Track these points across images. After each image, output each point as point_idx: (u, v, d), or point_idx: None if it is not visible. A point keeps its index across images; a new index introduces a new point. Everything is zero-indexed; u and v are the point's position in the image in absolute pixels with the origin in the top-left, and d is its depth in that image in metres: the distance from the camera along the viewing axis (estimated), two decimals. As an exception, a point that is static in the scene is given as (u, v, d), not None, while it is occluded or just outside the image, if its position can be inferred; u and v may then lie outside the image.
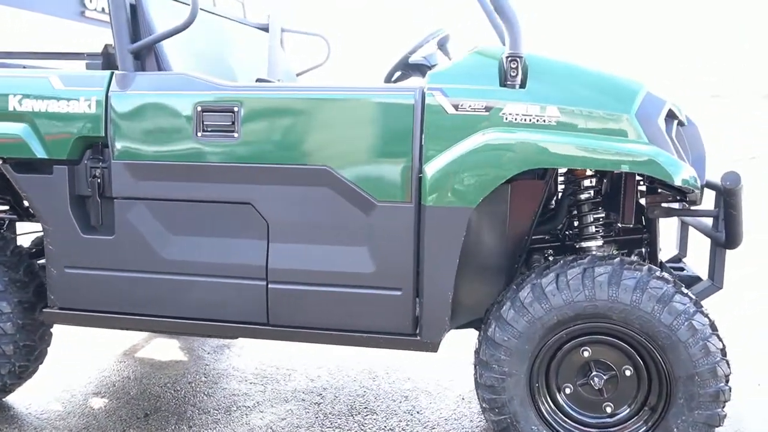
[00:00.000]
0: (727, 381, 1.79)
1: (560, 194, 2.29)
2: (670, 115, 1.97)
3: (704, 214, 2.20)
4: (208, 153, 1.99)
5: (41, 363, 2.40)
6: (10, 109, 2.09)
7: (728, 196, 1.85)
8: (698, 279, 2.28)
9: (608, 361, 1.87)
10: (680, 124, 2.10)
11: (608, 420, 1.90)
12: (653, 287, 1.77)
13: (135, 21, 2.12)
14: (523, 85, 1.84)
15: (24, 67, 2.47)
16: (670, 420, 1.81)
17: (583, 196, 2.11)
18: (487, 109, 1.83)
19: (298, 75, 3.34)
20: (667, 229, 2.65)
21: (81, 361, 2.82)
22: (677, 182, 1.73)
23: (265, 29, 3.16)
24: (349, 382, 2.67)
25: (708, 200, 2.09)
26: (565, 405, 1.91)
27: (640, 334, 1.79)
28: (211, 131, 1.98)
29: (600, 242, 2.14)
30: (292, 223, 1.98)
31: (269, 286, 2.00)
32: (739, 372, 2.46)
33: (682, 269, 2.47)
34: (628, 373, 1.85)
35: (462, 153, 1.81)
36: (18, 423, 2.29)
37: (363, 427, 2.29)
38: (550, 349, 1.88)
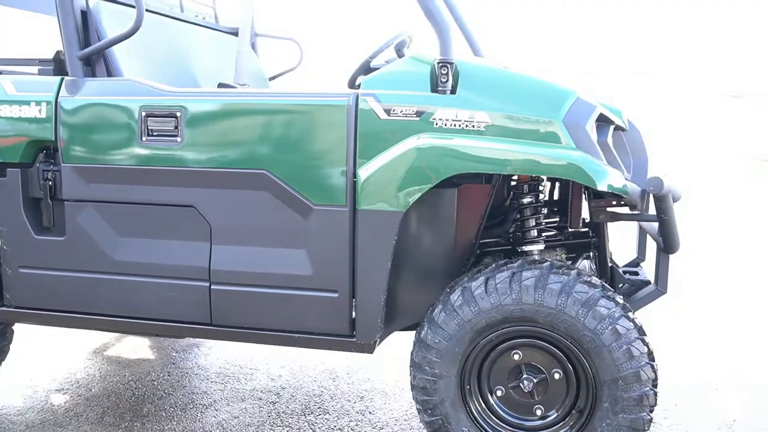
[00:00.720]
0: (654, 385, 1.80)
1: (510, 198, 2.32)
2: (605, 121, 1.99)
3: (646, 219, 2.21)
4: (153, 157, 2.03)
5: (3, 359, 2.47)
6: (-36, 114, 2.16)
7: (657, 202, 1.86)
8: (648, 283, 2.30)
9: (538, 365, 1.89)
10: (620, 129, 2.11)
11: (538, 423, 1.91)
12: (578, 291, 1.78)
13: (86, 27, 2.18)
14: (453, 91, 1.86)
15: None
16: (595, 423, 1.82)
17: (525, 201, 2.13)
18: (418, 114, 1.85)
19: (271, 79, 3.38)
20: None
21: (50, 357, 2.89)
22: (601, 187, 1.74)
23: (236, 34, 3.21)
24: (309, 382, 2.70)
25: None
26: (496, 407, 1.93)
27: (566, 337, 1.80)
28: (155, 136, 2.02)
29: (542, 246, 2.16)
30: (233, 225, 2.02)
31: (212, 287, 2.05)
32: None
33: (636, 273, 2.48)
34: (557, 376, 1.87)
35: (392, 158, 1.84)
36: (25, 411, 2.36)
37: (313, 427, 2.33)
38: (481, 352, 1.90)
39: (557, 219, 2.33)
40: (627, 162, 2.10)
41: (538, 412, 1.90)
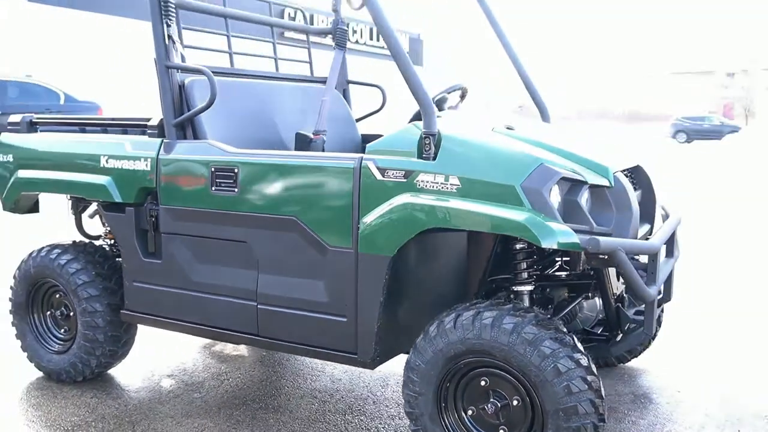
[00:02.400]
0: (599, 418, 2.05)
1: None
2: (576, 182, 2.23)
3: (624, 268, 2.43)
4: (219, 203, 2.63)
5: (129, 349, 3.22)
6: (101, 165, 2.92)
7: (603, 259, 2.09)
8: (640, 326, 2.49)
9: (502, 391, 2.20)
10: (603, 186, 2.32)
11: (505, 440, 2.23)
12: (527, 332, 2.08)
13: (181, 99, 2.84)
14: (434, 158, 2.24)
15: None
16: (548, 446, 2.10)
17: (517, 246, 2.44)
18: (406, 176, 2.26)
19: (357, 120, 3.90)
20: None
21: (167, 349, 3.62)
22: (545, 245, 2.02)
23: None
24: (361, 387, 3.18)
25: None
26: (469, 424, 2.27)
27: (517, 370, 2.11)
28: (221, 187, 2.62)
29: (530, 287, 2.46)
30: (273, 259, 2.56)
31: (258, 306, 2.60)
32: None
33: (641, 312, 2.67)
34: (515, 403, 2.17)
35: (384, 211, 2.26)
36: (107, 389, 3.12)
37: (348, 425, 2.80)
38: (456, 375, 2.26)
39: (560, 260, 2.59)
40: (609, 217, 2.32)
41: (503, 429, 2.22)
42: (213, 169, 2.63)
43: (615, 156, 2.54)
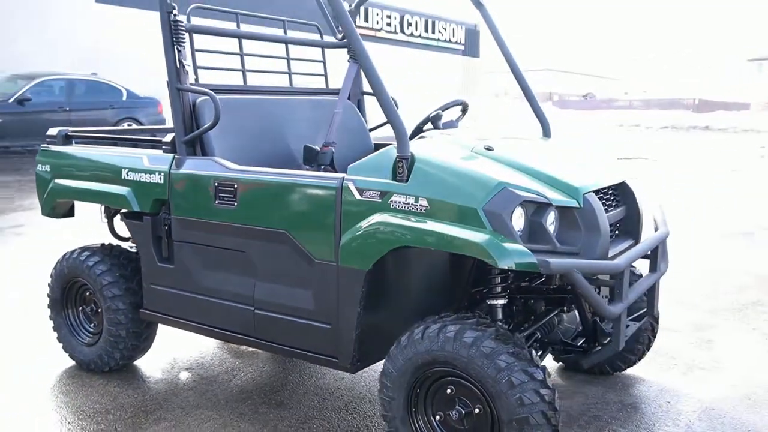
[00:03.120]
0: (552, 429, 2.18)
1: None
2: (542, 204, 2.34)
3: (602, 283, 2.54)
4: (221, 215, 2.86)
5: (150, 344, 3.52)
6: (122, 177, 3.19)
7: (564, 278, 2.21)
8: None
9: (466, 399, 2.35)
10: (571, 208, 2.42)
11: (468, 445, 2.39)
12: (485, 346, 2.22)
13: (192, 118, 3.07)
14: (407, 180, 2.39)
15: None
16: (505, 452, 2.25)
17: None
18: (381, 196, 2.42)
19: (371, 130, 4.07)
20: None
21: (187, 345, 3.91)
22: (501, 265, 2.16)
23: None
24: (360, 386, 3.37)
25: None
26: (437, 428, 2.44)
27: (477, 381, 2.26)
28: (222, 200, 2.85)
29: (503, 300, 2.59)
30: (268, 268, 2.78)
31: (255, 311, 2.83)
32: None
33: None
34: (477, 410, 2.32)
35: (361, 228, 2.44)
36: (129, 379, 3.42)
37: (341, 423, 3.00)
38: (425, 383, 2.42)
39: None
40: (577, 237, 2.42)
41: (466, 436, 2.38)
42: (216, 184, 2.86)
43: (592, 175, 2.63)
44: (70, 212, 3.71)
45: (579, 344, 2.90)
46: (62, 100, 13.45)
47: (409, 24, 24.56)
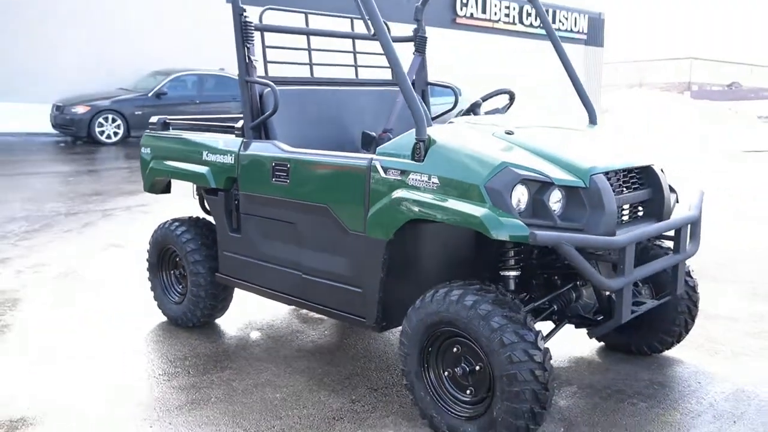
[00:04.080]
0: (540, 386, 2.39)
1: None
2: (545, 183, 2.54)
3: (604, 258, 2.71)
4: (277, 191, 3.28)
5: (227, 304, 4.02)
6: (203, 158, 3.70)
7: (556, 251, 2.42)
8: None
9: (470, 357, 2.61)
10: (577, 187, 2.59)
11: (469, 398, 2.64)
12: (482, 308, 2.47)
13: (260, 106, 3.51)
14: (423, 160, 2.68)
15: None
16: (494, 406, 2.49)
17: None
18: (402, 174, 2.72)
19: (433, 119, 4.35)
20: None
21: (264, 309, 4.39)
22: (494, 236, 2.40)
23: None
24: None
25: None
26: (444, 382, 2.71)
27: (475, 340, 2.51)
28: (278, 178, 3.26)
29: (516, 272, 2.81)
30: (312, 238, 3.16)
31: (302, 275, 3.22)
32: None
33: (640, 303, 2.92)
34: (478, 368, 2.57)
35: (384, 203, 2.76)
36: (210, 334, 3.94)
37: (352, 390, 3.34)
38: (436, 342, 2.70)
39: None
40: (582, 215, 2.60)
41: (468, 391, 2.64)
42: (273, 164, 3.28)
43: (605, 158, 2.77)
44: (167, 189, 4.29)
45: (596, 318, 3.04)
46: (194, 93, 14.68)
47: (529, 14, 24.20)
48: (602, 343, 3.70)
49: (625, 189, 2.82)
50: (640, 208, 2.96)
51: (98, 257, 5.67)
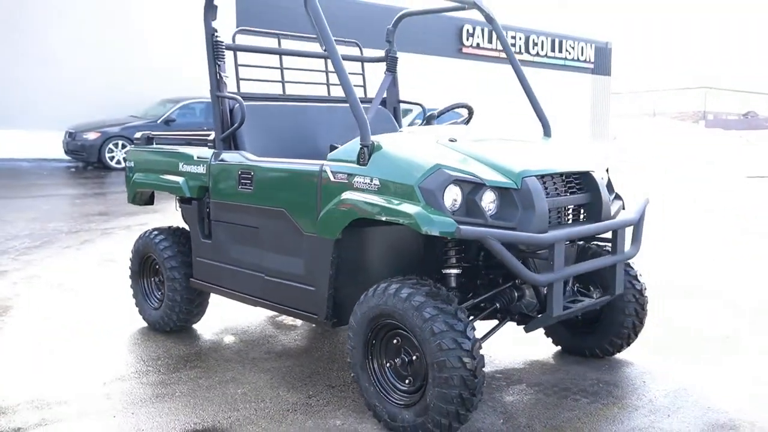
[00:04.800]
0: (469, 373, 2.54)
1: None
2: (477, 184, 2.72)
3: (534, 255, 2.87)
4: (243, 198, 3.49)
5: (203, 310, 4.21)
6: (179, 169, 3.93)
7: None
8: None
9: (408, 348, 2.77)
10: (510, 188, 2.77)
11: (407, 387, 2.79)
12: (415, 300, 2.64)
13: (230, 119, 3.74)
14: (366, 164, 2.87)
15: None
16: (428, 392, 2.64)
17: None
18: (348, 177, 2.92)
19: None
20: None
21: (237, 314, 4.57)
22: (424, 231, 2.57)
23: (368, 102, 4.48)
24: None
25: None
26: (386, 372, 2.87)
27: (410, 330, 2.67)
28: (244, 186, 3.47)
29: (457, 270, 2.98)
30: (273, 241, 3.35)
31: (264, 276, 3.41)
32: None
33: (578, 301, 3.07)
34: (415, 357, 2.73)
35: (333, 204, 2.95)
36: (185, 338, 4.12)
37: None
38: (378, 335, 2.86)
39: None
40: (514, 214, 2.77)
41: (407, 381, 2.79)
42: (239, 172, 3.50)
43: (540, 162, 2.95)
44: (150, 200, 4.52)
45: (537, 315, 3.19)
46: (201, 120, 15.07)
47: (535, 44, 24.59)
48: (559, 347, 3.83)
49: (561, 192, 2.98)
50: (582, 212, 3.12)
51: (91, 271, 5.90)
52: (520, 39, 24.46)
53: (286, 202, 3.24)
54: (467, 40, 22.75)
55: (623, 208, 3.41)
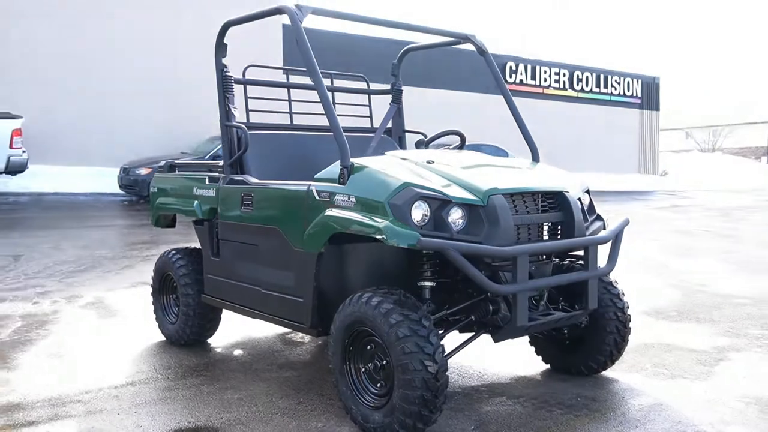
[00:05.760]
0: (430, 376, 2.72)
1: None
2: (444, 201, 2.93)
3: (499, 268, 3.05)
4: (245, 218, 3.78)
5: (215, 325, 4.50)
6: (193, 193, 4.27)
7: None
8: None
9: (380, 354, 2.97)
10: (477, 205, 2.97)
11: (380, 390, 2.98)
12: (383, 307, 2.85)
13: (238, 146, 4.06)
14: (345, 183, 3.13)
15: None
16: (394, 393, 2.83)
17: (423, 252, 3.18)
18: (330, 196, 3.18)
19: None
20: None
21: (246, 329, 4.84)
22: (392, 243, 2.79)
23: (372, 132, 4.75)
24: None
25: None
26: (363, 378, 3.07)
27: (379, 336, 2.88)
28: (246, 206, 3.77)
29: (431, 283, 3.17)
30: (269, 256, 3.62)
31: (262, 290, 3.68)
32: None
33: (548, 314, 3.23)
34: (386, 362, 2.92)
35: (317, 221, 3.21)
36: (197, 351, 4.41)
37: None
38: (355, 342, 3.07)
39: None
40: (481, 228, 2.97)
41: (379, 385, 2.98)
42: (242, 194, 3.80)
43: (510, 181, 3.14)
44: (172, 223, 4.88)
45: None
46: (247, 156, 15.63)
47: (579, 80, 24.64)
48: (548, 366, 3.94)
49: (532, 210, 3.16)
50: (558, 230, 3.28)
51: (126, 292, 6.31)
52: (564, 75, 24.57)
53: (279, 220, 3.52)
54: (510, 76, 23.02)
55: (604, 228, 3.56)
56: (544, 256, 3.30)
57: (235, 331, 4.80)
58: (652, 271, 7.55)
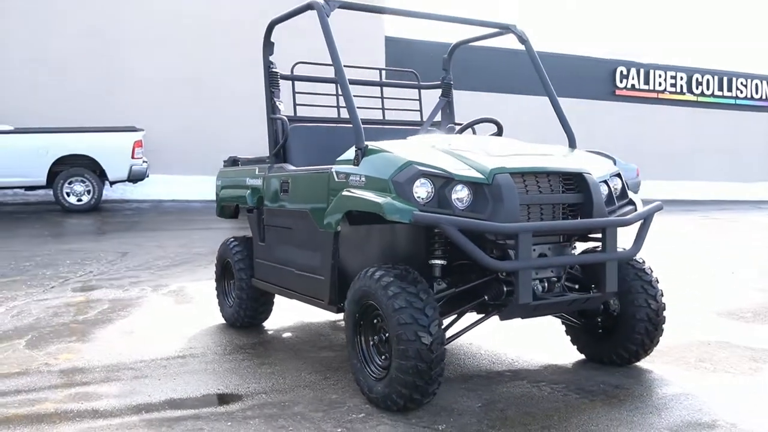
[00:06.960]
0: (424, 346, 2.79)
1: None
2: (447, 179, 2.99)
3: (504, 245, 3.07)
4: (285, 203, 4.01)
5: (268, 308, 4.75)
6: (245, 184, 4.56)
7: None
8: None
9: (384, 327, 3.05)
10: (482, 183, 3.00)
11: (384, 361, 3.07)
12: (383, 281, 2.95)
13: (283, 136, 4.30)
14: (359, 164, 3.26)
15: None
16: (392, 362, 2.91)
17: (435, 230, 3.24)
18: (346, 177, 3.33)
19: None
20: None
21: (308, 320, 5.05)
22: (389, 218, 2.89)
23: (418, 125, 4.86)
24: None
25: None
26: (371, 349, 3.17)
27: (380, 308, 2.97)
28: (285, 192, 4.00)
29: (443, 261, 3.23)
30: (301, 238, 3.82)
31: (295, 270, 3.88)
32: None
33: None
34: (389, 335, 3.01)
35: (334, 201, 3.37)
36: (250, 332, 4.68)
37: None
38: (365, 315, 3.19)
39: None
40: (485, 206, 3.00)
41: (383, 357, 3.08)
42: (282, 181, 4.04)
43: (521, 162, 3.15)
44: (234, 214, 5.21)
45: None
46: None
47: (699, 83, 23.25)
48: (583, 355, 3.86)
49: (545, 191, 3.15)
50: (575, 211, 3.24)
51: (207, 283, 6.74)
52: (682, 79, 23.29)
53: (308, 203, 3.71)
54: (621, 82, 22.15)
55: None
56: (562, 238, 3.26)
57: (291, 316, 5.03)
58: (747, 275, 7.07)
